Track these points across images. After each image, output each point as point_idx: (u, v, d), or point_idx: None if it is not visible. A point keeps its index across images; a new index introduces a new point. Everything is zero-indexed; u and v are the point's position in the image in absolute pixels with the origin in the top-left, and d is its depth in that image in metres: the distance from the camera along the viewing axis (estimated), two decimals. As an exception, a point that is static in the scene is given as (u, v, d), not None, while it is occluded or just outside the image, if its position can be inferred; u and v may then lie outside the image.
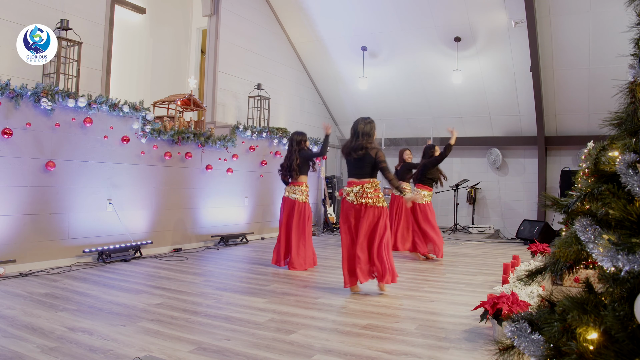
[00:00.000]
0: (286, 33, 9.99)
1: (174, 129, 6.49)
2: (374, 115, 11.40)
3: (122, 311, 3.54)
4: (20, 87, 4.84)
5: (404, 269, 5.68)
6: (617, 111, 1.54)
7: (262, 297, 4.10)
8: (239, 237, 7.60)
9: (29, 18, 5.46)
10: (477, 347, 2.93)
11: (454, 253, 7.03)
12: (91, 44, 6.24)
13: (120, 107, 5.79)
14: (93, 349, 2.72)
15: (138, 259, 5.86)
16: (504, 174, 10.22)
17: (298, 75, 10.52)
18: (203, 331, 3.13)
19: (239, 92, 8.72)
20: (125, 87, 7.81)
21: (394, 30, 9.03)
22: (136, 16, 8.23)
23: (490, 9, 8.06)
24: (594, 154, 1.57)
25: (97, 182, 5.66)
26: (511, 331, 1.54)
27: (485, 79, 9.22)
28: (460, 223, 10.28)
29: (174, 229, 6.68)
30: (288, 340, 2.99)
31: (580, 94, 8.64)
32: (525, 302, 3.00)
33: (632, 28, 1.52)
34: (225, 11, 8.37)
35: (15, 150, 4.86)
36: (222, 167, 7.41)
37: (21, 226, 4.93)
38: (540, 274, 1.69)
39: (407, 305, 3.94)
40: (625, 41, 1.73)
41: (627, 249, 1.26)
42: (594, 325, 1.37)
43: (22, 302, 3.68)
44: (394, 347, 2.90)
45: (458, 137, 10.54)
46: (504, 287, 3.52)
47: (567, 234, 1.61)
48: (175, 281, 4.67)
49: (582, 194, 1.54)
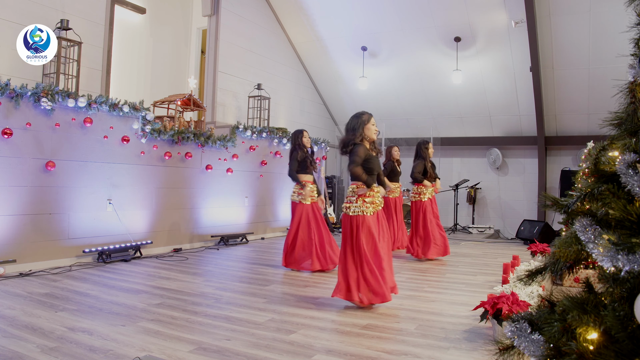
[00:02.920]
0: (286, 33, 9.99)
1: (174, 129, 6.49)
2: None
3: (122, 311, 3.54)
4: (20, 87, 4.84)
5: (404, 268, 5.68)
6: (617, 111, 1.54)
7: (262, 297, 4.10)
8: (239, 237, 7.59)
9: (29, 18, 5.46)
10: (477, 347, 2.93)
11: (454, 253, 7.03)
12: (91, 44, 6.24)
13: (120, 107, 5.79)
14: (93, 349, 2.72)
15: (138, 259, 5.85)
16: (504, 174, 10.22)
17: (298, 75, 10.51)
18: (203, 331, 3.12)
19: (239, 92, 8.72)
20: (125, 87, 7.82)
21: (394, 30, 9.03)
22: (136, 16, 8.23)
23: (490, 9, 8.05)
24: (594, 154, 1.57)
25: (97, 182, 5.65)
26: (511, 331, 1.54)
27: (485, 79, 9.22)
28: (460, 223, 10.28)
29: (174, 229, 6.68)
30: (288, 340, 2.99)
31: (580, 94, 8.64)
32: (525, 302, 3.00)
33: (632, 28, 1.52)
34: (225, 11, 8.37)
35: (15, 150, 4.86)
36: (222, 167, 7.41)
37: (21, 226, 4.93)
38: (540, 274, 1.69)
39: (407, 305, 3.94)
40: (625, 41, 1.73)
41: (627, 249, 1.26)
42: (594, 325, 1.37)
43: (22, 302, 3.68)
44: (394, 347, 2.90)
45: (458, 137, 10.60)
46: (504, 287, 3.52)
47: (567, 234, 1.61)
48: (175, 281, 4.66)
49: (582, 194, 1.53)
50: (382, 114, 10.78)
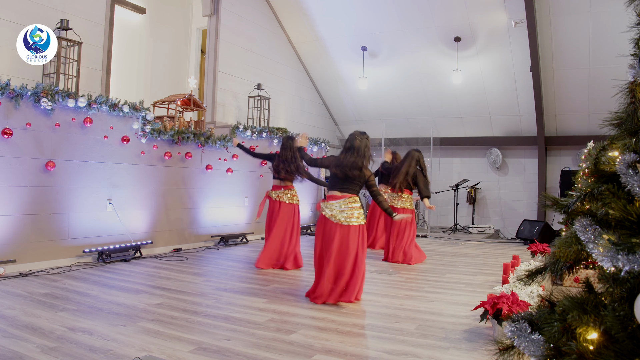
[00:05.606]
0: (286, 33, 9.99)
1: (174, 129, 6.49)
2: (374, 115, 11.38)
3: (122, 311, 3.54)
4: (20, 87, 4.84)
5: (404, 269, 5.68)
6: (617, 111, 1.54)
7: (262, 297, 4.10)
8: (239, 237, 7.59)
9: (29, 18, 5.46)
10: (477, 347, 2.93)
11: (454, 253, 7.03)
12: (91, 44, 6.24)
13: (120, 107, 5.79)
14: (93, 349, 2.72)
15: (138, 259, 5.86)
16: (504, 174, 10.22)
17: (298, 75, 10.51)
18: (203, 331, 3.13)
19: (239, 92, 8.72)
20: (125, 87, 7.82)
21: (394, 30, 9.03)
22: (136, 16, 8.23)
23: (490, 9, 8.06)
24: (594, 154, 1.57)
25: (97, 182, 5.65)
26: (511, 331, 1.54)
27: (485, 79, 9.22)
28: (460, 223, 10.27)
29: (174, 229, 6.68)
30: (288, 340, 2.99)
31: (580, 94, 8.64)
32: (525, 302, 3.00)
33: (632, 28, 1.52)
34: (225, 11, 8.37)
35: (15, 150, 4.86)
36: (222, 167, 7.41)
37: (21, 226, 4.92)
38: (540, 274, 1.69)
39: (407, 305, 3.94)
40: (625, 41, 1.73)
41: (627, 249, 1.26)
42: (594, 325, 1.37)
43: (22, 302, 3.68)
44: (394, 347, 2.90)
45: (458, 137, 10.60)
46: (504, 287, 3.52)
47: (567, 234, 1.61)
48: (175, 281, 4.66)
49: (582, 194, 1.54)
50: (382, 114, 10.78)
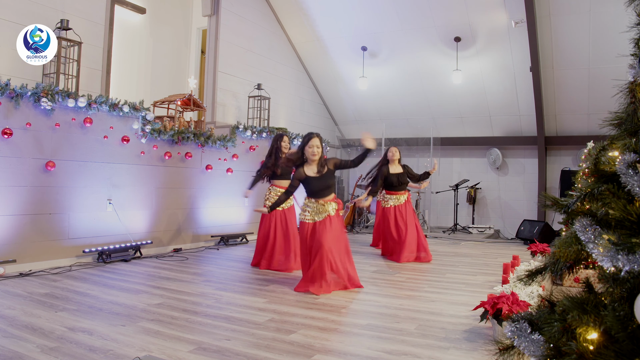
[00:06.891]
0: (286, 33, 9.99)
1: (174, 129, 6.49)
2: (374, 115, 11.40)
3: (122, 311, 3.54)
4: (20, 87, 4.84)
5: (404, 268, 5.68)
6: (617, 111, 1.54)
7: (262, 297, 4.10)
8: (239, 237, 7.60)
9: (29, 18, 5.46)
10: (477, 347, 2.93)
11: (454, 253, 7.03)
12: (91, 44, 6.24)
13: (120, 107, 5.79)
14: (93, 349, 2.72)
15: (138, 259, 5.86)
16: (504, 174, 10.22)
17: (298, 75, 10.51)
18: (203, 331, 3.12)
19: (239, 92, 8.72)
20: (125, 87, 7.81)
21: (394, 30, 9.03)
22: (136, 16, 8.23)
23: (490, 9, 8.05)
24: (594, 154, 1.58)
25: (97, 182, 5.66)
26: (511, 331, 1.54)
27: (485, 79, 9.22)
28: (460, 223, 10.27)
29: (174, 229, 6.68)
30: (288, 340, 2.99)
31: (580, 94, 8.64)
32: (525, 302, 3.00)
33: (632, 28, 1.52)
34: (225, 11, 8.37)
35: (15, 150, 4.86)
36: (222, 167, 7.41)
37: (21, 226, 4.93)
38: (540, 274, 1.69)
39: (407, 305, 3.94)
40: (625, 41, 1.73)
41: (627, 249, 1.26)
42: (594, 325, 1.37)
43: (22, 302, 3.68)
44: (394, 347, 2.90)
45: (458, 137, 10.60)
46: (504, 287, 3.52)
47: (567, 234, 1.61)
48: (175, 281, 4.67)
49: (582, 194, 1.54)
50: (382, 114, 10.78)
